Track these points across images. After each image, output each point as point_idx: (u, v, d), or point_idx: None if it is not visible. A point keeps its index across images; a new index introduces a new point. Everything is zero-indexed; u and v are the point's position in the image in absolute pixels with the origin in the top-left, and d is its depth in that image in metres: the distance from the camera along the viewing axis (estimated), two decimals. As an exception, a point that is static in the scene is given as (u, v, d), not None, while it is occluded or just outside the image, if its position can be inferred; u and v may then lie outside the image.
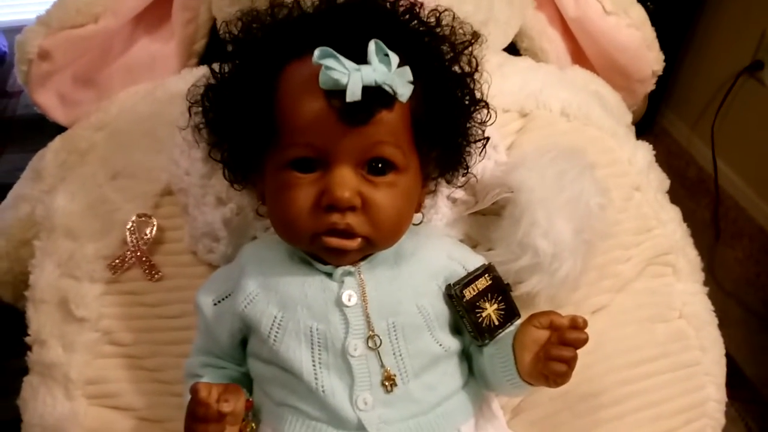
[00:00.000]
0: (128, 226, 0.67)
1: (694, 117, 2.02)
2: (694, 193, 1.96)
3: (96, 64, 0.78)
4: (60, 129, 0.80)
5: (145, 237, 0.67)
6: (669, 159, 2.13)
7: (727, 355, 0.73)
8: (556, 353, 0.51)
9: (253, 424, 0.55)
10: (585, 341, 0.51)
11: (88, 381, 0.65)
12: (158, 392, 0.65)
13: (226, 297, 0.57)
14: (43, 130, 0.82)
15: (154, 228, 0.67)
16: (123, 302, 0.67)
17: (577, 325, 0.51)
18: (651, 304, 0.70)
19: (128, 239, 0.67)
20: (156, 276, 0.67)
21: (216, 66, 0.59)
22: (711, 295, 1.49)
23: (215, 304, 0.57)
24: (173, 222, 0.68)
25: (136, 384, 0.65)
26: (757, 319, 1.52)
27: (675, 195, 1.84)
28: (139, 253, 0.67)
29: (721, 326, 0.78)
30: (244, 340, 0.58)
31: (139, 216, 0.67)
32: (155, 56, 0.78)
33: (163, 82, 0.75)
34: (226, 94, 0.56)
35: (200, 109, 0.59)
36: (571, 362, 0.51)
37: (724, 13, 1.95)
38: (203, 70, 0.73)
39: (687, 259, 0.74)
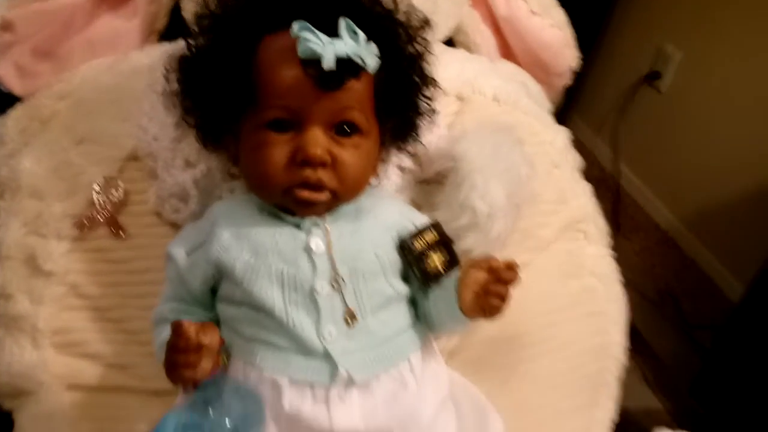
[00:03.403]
0: (95, 188, 0.71)
1: (597, 122, 2.19)
2: (596, 190, 2.11)
3: (57, 38, 0.80)
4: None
5: (111, 198, 0.71)
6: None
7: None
8: (494, 289, 0.59)
9: (225, 358, 0.60)
10: (517, 279, 0.60)
11: (56, 331, 0.69)
12: (124, 341, 0.69)
13: (199, 248, 0.62)
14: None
15: (121, 190, 0.72)
16: (89, 259, 0.71)
17: (512, 266, 0.60)
18: (566, 263, 0.81)
19: (95, 200, 0.71)
20: (121, 235, 0.71)
21: (183, 42, 0.65)
22: None
23: (188, 254, 0.63)
24: (137, 186, 0.73)
25: (102, 334, 0.69)
26: (651, 304, 1.68)
27: None
28: (105, 213, 0.71)
29: None
30: (213, 288, 0.64)
31: (105, 178, 0.72)
32: (117, 32, 0.82)
33: (126, 56, 0.79)
34: (204, 64, 0.62)
35: (175, 78, 0.64)
36: (505, 297, 0.60)
37: (626, 28, 2.13)
38: (165, 46, 0.78)
39: (597, 227, 0.86)
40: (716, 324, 1.34)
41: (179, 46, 0.68)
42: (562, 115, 2.27)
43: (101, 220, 0.71)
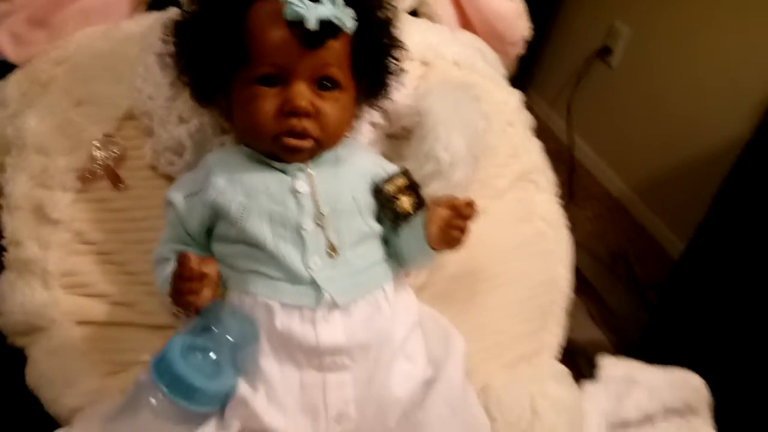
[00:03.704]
0: (95, 144, 0.78)
1: (552, 96, 2.28)
2: (552, 161, 2.22)
3: (51, 7, 0.86)
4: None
5: (111, 153, 0.78)
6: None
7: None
8: (455, 223, 0.69)
9: (223, 289, 0.69)
10: (475, 215, 0.70)
11: (64, 273, 0.76)
12: (127, 282, 0.77)
13: (196, 193, 0.70)
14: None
15: (119, 146, 0.79)
16: (92, 208, 0.78)
17: (470, 203, 0.70)
18: (519, 209, 0.91)
19: (96, 155, 0.78)
20: (121, 186, 0.79)
21: (176, 9, 0.73)
22: None
23: (186, 199, 0.71)
24: (134, 142, 0.80)
25: (107, 275, 0.77)
26: (603, 266, 1.79)
27: None
28: (106, 167, 0.78)
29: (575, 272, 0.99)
30: (209, 230, 0.72)
31: (104, 135, 0.79)
32: (109, 2, 0.88)
33: (118, 24, 0.86)
34: (198, 27, 0.69)
35: (171, 41, 0.72)
36: (465, 230, 0.69)
37: (578, 6, 2.21)
38: (154, 15, 0.85)
39: (546, 179, 0.96)
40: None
41: (169, 13, 0.76)
42: (519, 90, 2.38)
43: (102, 173, 0.78)
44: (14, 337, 0.76)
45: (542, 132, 2.27)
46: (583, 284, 1.05)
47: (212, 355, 0.65)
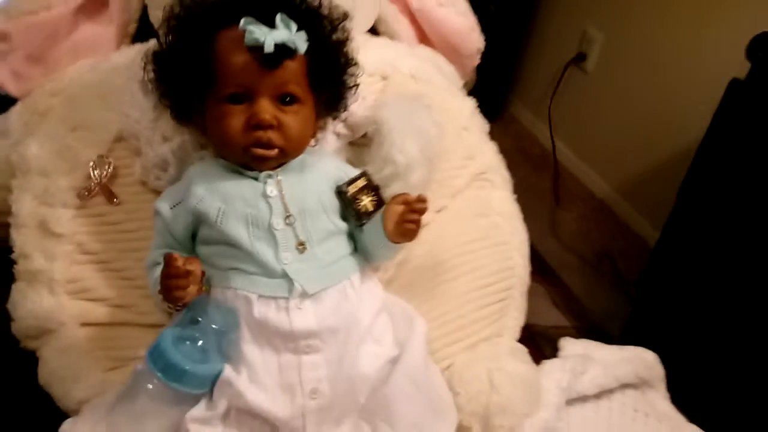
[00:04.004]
0: (90, 165, 0.88)
1: (535, 103, 2.37)
2: (537, 167, 2.31)
3: (46, 45, 0.96)
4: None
5: (104, 172, 0.88)
6: (517, 141, 2.48)
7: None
8: (408, 217, 0.78)
9: (207, 286, 0.78)
10: (425, 209, 0.79)
11: (68, 281, 0.85)
12: (125, 286, 0.86)
13: (180, 203, 0.80)
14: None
15: (111, 165, 0.89)
16: (91, 222, 0.87)
17: (421, 199, 0.79)
18: (475, 206, 1.00)
19: (92, 174, 0.88)
20: (115, 201, 0.88)
21: (154, 41, 0.83)
22: (552, 248, 1.85)
23: (171, 208, 0.80)
24: (125, 161, 0.90)
25: (106, 281, 0.86)
26: (589, 265, 1.87)
27: (521, 170, 2.19)
28: (100, 185, 0.88)
29: (560, 271, 1.06)
30: (193, 235, 0.81)
31: (98, 157, 0.88)
32: (97, 37, 0.98)
33: (106, 57, 0.96)
34: (173, 56, 0.79)
35: (150, 69, 0.81)
36: (418, 223, 0.79)
37: (552, 16, 2.31)
38: (138, 46, 0.95)
39: (501, 176, 1.05)
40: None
41: (150, 45, 0.85)
42: (503, 100, 2.45)
43: (98, 190, 0.87)
44: (26, 340, 0.85)
45: (527, 138, 2.41)
46: (549, 274, 1.14)
47: (200, 343, 0.74)
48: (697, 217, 1.41)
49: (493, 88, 2.38)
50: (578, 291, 1.52)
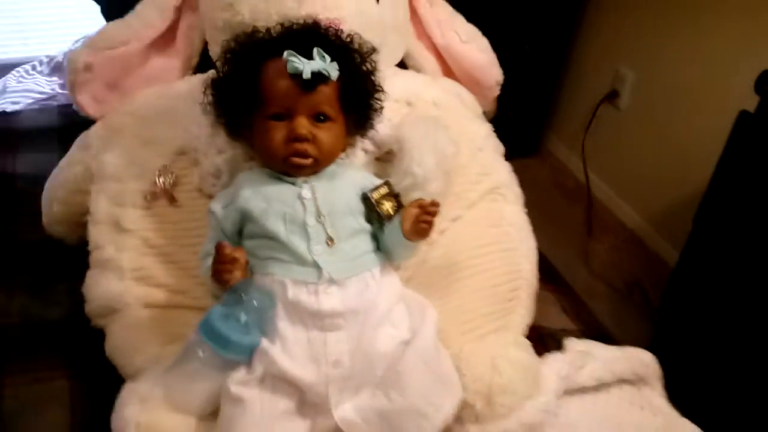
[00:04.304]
0: (156, 173, 1.04)
1: (570, 139, 2.48)
2: (572, 199, 2.41)
3: (122, 74, 1.14)
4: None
5: (168, 180, 1.04)
6: (553, 174, 2.59)
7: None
8: (422, 218, 0.91)
9: (250, 272, 0.92)
10: (437, 212, 0.92)
11: (134, 269, 1.00)
12: (182, 276, 1.01)
13: (230, 203, 0.95)
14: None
15: (174, 174, 1.05)
16: (155, 221, 1.03)
17: (434, 203, 0.92)
18: (488, 216, 1.13)
19: (157, 181, 1.04)
20: (176, 204, 1.04)
21: (213, 71, 0.99)
22: (583, 277, 1.93)
23: (223, 208, 0.95)
24: (185, 171, 1.06)
25: (166, 270, 1.01)
26: (621, 295, 1.94)
27: (556, 202, 2.28)
28: (164, 190, 1.04)
29: (591, 299, 1.14)
30: (239, 232, 0.96)
31: (163, 166, 1.05)
32: (164, 68, 1.16)
33: (172, 84, 1.13)
34: (229, 82, 0.95)
35: (209, 93, 0.98)
36: (431, 223, 0.92)
37: (586, 55, 2.43)
38: (198, 76, 1.12)
39: (513, 192, 1.18)
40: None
41: (209, 74, 1.02)
42: (539, 135, 2.57)
43: (162, 194, 1.04)
44: (96, 319, 1.01)
45: (562, 172, 2.54)
46: (555, 277, 1.25)
47: (242, 318, 0.87)
48: (711, 243, 1.49)
49: (530, 124, 2.50)
50: (606, 320, 1.61)
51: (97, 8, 2.40)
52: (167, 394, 0.88)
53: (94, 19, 2.41)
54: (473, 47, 1.30)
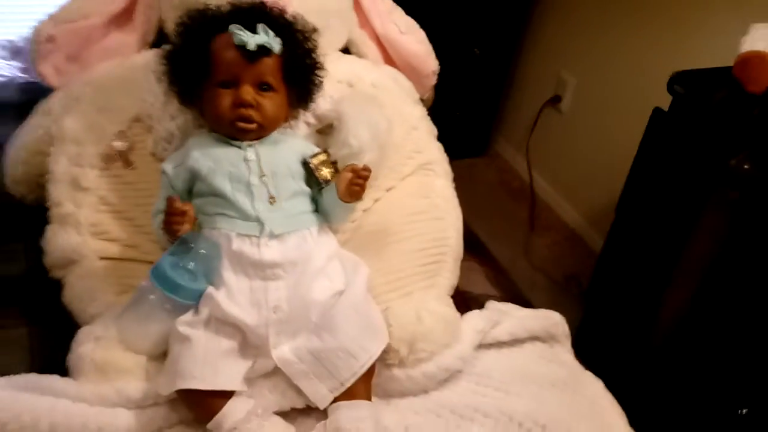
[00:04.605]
0: (113, 137, 1.13)
1: (516, 140, 2.62)
2: (516, 197, 2.55)
3: (82, 47, 1.22)
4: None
5: (123, 143, 1.13)
6: (499, 174, 2.74)
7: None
8: (355, 181, 1.02)
9: (198, 226, 1.02)
10: (368, 175, 1.03)
11: (91, 225, 1.08)
12: (134, 232, 1.10)
13: (180, 164, 1.04)
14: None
15: (130, 139, 1.13)
16: (111, 181, 1.12)
17: (365, 168, 1.03)
18: (419, 189, 1.24)
19: (113, 144, 1.12)
20: (131, 167, 1.13)
21: (167, 45, 1.09)
22: (525, 271, 2.03)
23: (174, 168, 1.04)
24: (139, 137, 1.15)
25: (120, 226, 1.09)
26: (558, 287, 2.07)
27: (502, 200, 2.40)
28: (120, 153, 1.12)
29: (532, 290, 1.25)
30: (189, 191, 1.05)
31: (119, 131, 1.13)
32: (122, 43, 1.24)
33: (128, 57, 1.22)
34: (181, 54, 1.05)
35: (163, 64, 1.07)
36: (363, 186, 1.03)
37: (531, 61, 2.57)
38: (153, 51, 1.21)
39: (443, 168, 1.30)
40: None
41: (164, 49, 1.11)
42: (488, 137, 2.70)
43: (118, 157, 1.12)
44: (54, 270, 1.08)
45: (508, 172, 2.70)
46: (482, 249, 1.39)
47: (190, 265, 0.97)
48: (631, 229, 1.64)
49: (478, 125, 2.64)
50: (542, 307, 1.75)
51: (56, -6, 2.45)
52: (121, 334, 0.97)
53: (52, 5, 2.46)
54: (411, 38, 1.42)
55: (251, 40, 0.98)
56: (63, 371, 0.97)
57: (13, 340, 1.07)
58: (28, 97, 1.59)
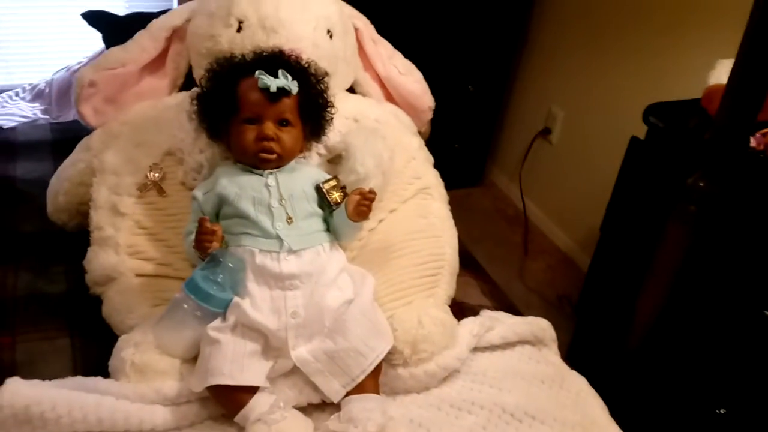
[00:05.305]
0: (148, 169, 1.28)
1: (509, 170, 2.78)
2: (511, 224, 2.70)
3: (119, 91, 1.37)
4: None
5: (157, 174, 1.28)
6: (494, 202, 2.90)
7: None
8: (362, 203, 1.17)
9: (225, 243, 1.16)
10: (374, 198, 1.17)
11: (128, 246, 1.22)
12: (167, 252, 1.24)
13: (210, 190, 1.19)
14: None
15: (162, 170, 1.29)
16: (146, 207, 1.26)
17: (371, 192, 1.18)
18: (418, 210, 1.39)
19: (148, 175, 1.27)
20: (163, 194, 1.28)
21: (196, 88, 1.25)
22: (520, 292, 2.23)
23: (204, 194, 1.19)
24: (171, 168, 1.30)
25: (154, 247, 1.24)
26: (551, 306, 2.21)
27: (498, 226, 2.56)
28: (154, 182, 1.27)
29: (527, 310, 1.38)
30: (216, 214, 1.20)
31: (154, 164, 1.29)
32: (154, 87, 1.40)
33: (161, 99, 1.38)
34: (210, 94, 1.21)
35: (194, 104, 1.23)
36: (369, 207, 1.17)
37: (522, 96, 2.74)
38: (183, 93, 1.37)
39: (439, 192, 1.45)
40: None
41: (194, 90, 1.27)
42: (482, 167, 2.87)
43: (152, 186, 1.27)
44: (95, 287, 1.22)
45: (503, 200, 2.85)
46: (478, 268, 1.54)
47: (219, 278, 1.11)
48: (614, 246, 1.78)
49: (474, 157, 2.82)
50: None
51: (75, 43, 2.67)
52: (157, 340, 1.10)
53: (72, 52, 2.67)
54: (410, 79, 1.58)
55: (273, 84, 1.14)
56: (103, 376, 1.10)
57: (58, 349, 1.20)
58: (59, 135, 1.77)
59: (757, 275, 1.27)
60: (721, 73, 1.53)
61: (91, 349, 1.21)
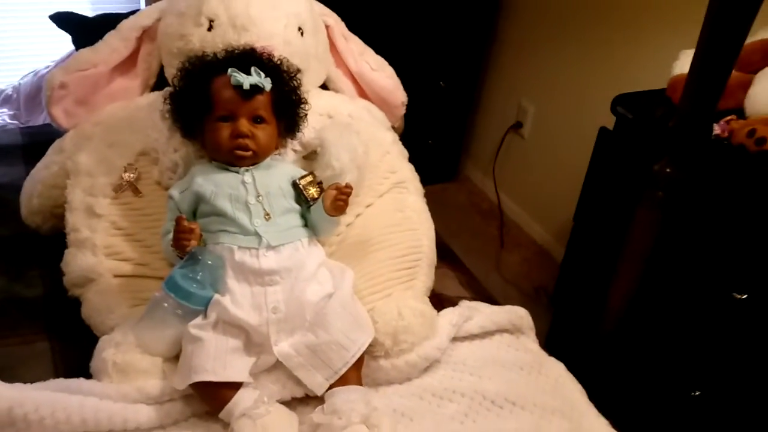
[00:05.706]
0: (123, 170, 1.27)
1: (483, 164, 2.82)
2: (486, 217, 2.73)
3: (90, 92, 1.36)
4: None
5: (132, 175, 1.28)
6: (469, 196, 2.93)
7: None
8: (339, 197, 1.18)
9: (203, 242, 1.16)
10: (350, 192, 1.18)
11: (105, 246, 1.22)
12: (144, 252, 1.23)
13: (186, 189, 1.19)
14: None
15: (137, 170, 1.28)
16: (122, 208, 1.26)
17: (347, 186, 1.19)
18: (395, 204, 1.40)
19: (123, 176, 1.27)
20: (139, 195, 1.27)
21: (169, 87, 1.25)
22: (497, 284, 2.26)
23: (180, 193, 1.19)
24: (146, 168, 1.29)
25: (131, 248, 1.23)
26: (528, 298, 2.24)
27: (473, 220, 2.59)
28: (129, 183, 1.27)
29: (505, 302, 1.40)
30: (194, 212, 1.20)
31: (128, 164, 1.28)
32: (126, 88, 1.39)
33: (133, 100, 1.37)
34: (183, 94, 1.21)
35: (167, 103, 1.23)
36: (345, 201, 1.18)
37: (493, 91, 2.78)
38: (155, 93, 1.37)
39: (414, 186, 1.46)
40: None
41: (166, 90, 1.27)
42: (457, 163, 2.90)
43: (127, 187, 1.27)
44: (73, 289, 1.21)
45: (478, 194, 2.87)
46: (455, 259, 1.56)
47: (198, 276, 1.11)
48: (586, 234, 1.82)
49: (448, 152, 2.84)
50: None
51: (42, 47, 2.64)
52: (138, 339, 1.10)
53: (40, 56, 2.63)
54: (381, 74, 1.60)
55: (246, 81, 1.14)
56: (85, 377, 1.09)
57: (38, 353, 1.19)
58: (29, 139, 1.75)
59: (725, 258, 1.31)
60: (684, 64, 1.56)
61: (70, 351, 1.20)
